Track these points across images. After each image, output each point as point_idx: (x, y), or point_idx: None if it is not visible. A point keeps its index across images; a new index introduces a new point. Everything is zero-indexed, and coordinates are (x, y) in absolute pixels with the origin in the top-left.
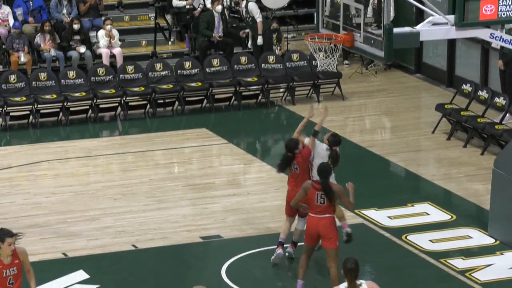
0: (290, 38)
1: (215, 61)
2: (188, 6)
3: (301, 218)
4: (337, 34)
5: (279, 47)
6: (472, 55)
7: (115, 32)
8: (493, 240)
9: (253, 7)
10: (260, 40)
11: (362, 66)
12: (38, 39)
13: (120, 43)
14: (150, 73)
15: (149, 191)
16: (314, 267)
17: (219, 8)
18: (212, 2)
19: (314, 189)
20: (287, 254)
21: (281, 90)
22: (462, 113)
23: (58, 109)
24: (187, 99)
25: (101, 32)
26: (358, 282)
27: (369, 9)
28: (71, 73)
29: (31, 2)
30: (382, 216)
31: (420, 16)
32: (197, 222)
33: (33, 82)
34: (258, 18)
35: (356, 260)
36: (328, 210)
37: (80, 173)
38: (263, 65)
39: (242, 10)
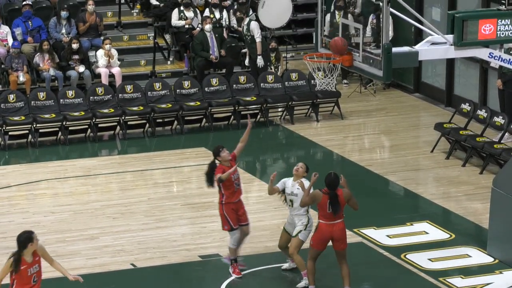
0: (289, 57)
1: (214, 81)
2: (187, 26)
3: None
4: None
5: (278, 67)
6: (471, 74)
7: (114, 52)
8: (492, 259)
9: (254, 26)
10: (260, 61)
11: (361, 86)
12: (37, 58)
13: (119, 62)
14: (149, 93)
15: (148, 210)
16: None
17: (207, 27)
18: (202, 22)
19: (326, 198)
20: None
21: (280, 109)
22: (461, 132)
23: (57, 129)
24: (186, 118)
25: (100, 52)
26: None
27: (368, 29)
28: (70, 93)
29: (30, 22)
30: (381, 235)
31: (419, 36)
32: (196, 241)
33: (32, 102)
34: (258, 38)
35: None
36: (340, 216)
37: (79, 192)
38: (262, 84)
39: (243, 28)
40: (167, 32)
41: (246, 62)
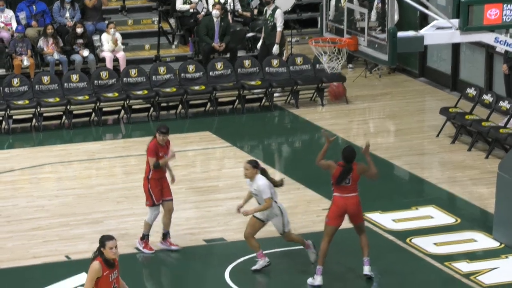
0: (293, 42)
1: (219, 65)
2: (191, 10)
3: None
4: (341, 38)
5: (283, 51)
6: (477, 59)
7: (118, 36)
8: (498, 244)
9: (279, 14)
10: (275, 50)
11: (366, 70)
12: (41, 42)
13: (123, 46)
14: (153, 77)
15: None
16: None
17: (215, 13)
18: (211, 6)
19: (339, 170)
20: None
21: (284, 93)
22: (466, 117)
23: (61, 113)
24: (190, 102)
25: (105, 36)
26: None
27: (373, 13)
28: (74, 77)
29: (34, 6)
30: (386, 219)
31: (424, 20)
32: (201, 225)
33: (36, 86)
34: (280, 27)
35: None
36: (354, 189)
37: (83, 176)
38: (266, 68)
39: (265, 12)
40: (171, 16)
41: (258, 45)
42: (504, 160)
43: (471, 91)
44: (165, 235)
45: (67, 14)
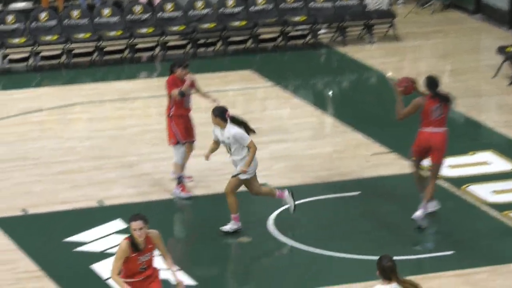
0: None
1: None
2: None
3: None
4: None
5: None
6: None
7: None
8: None
9: None
10: None
11: (417, 6)
12: None
13: None
14: (190, 11)
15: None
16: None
17: None
18: None
19: (432, 102)
20: None
21: (330, 30)
22: None
23: (92, 49)
24: (230, 39)
25: None
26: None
27: None
28: (106, 11)
29: None
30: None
31: None
32: None
33: (65, 20)
34: None
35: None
36: (444, 123)
37: (115, 116)
38: (311, 3)
39: None
40: None
41: None
42: None
43: None
44: (179, 179)
45: None
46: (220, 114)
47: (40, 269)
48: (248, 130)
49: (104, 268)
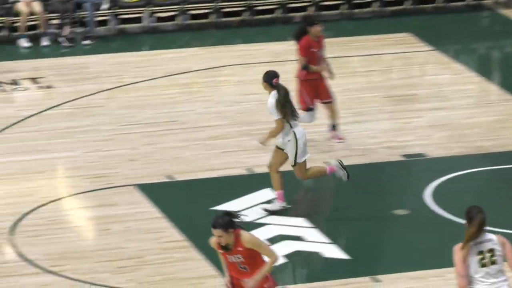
0: None
1: None
2: None
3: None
4: None
5: None
6: None
7: None
8: None
9: None
10: None
11: None
12: None
13: None
14: None
15: (345, 101)
16: None
17: None
18: None
19: None
20: None
21: None
22: None
23: (243, 8)
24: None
25: None
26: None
27: None
28: None
29: None
30: None
31: None
32: (398, 138)
33: None
34: None
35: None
36: None
37: None
38: None
39: None
40: None
41: None
42: None
43: None
44: (333, 126)
45: None
46: (268, 79)
47: (186, 239)
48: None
49: None
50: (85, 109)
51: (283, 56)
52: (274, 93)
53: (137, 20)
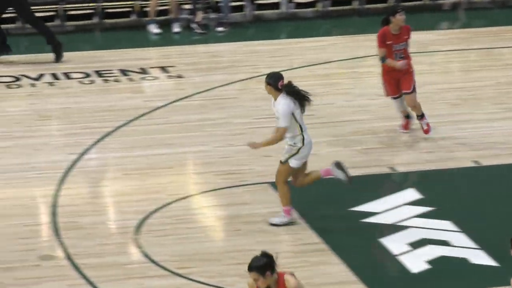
0: None
1: None
2: None
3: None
4: None
5: None
6: None
7: None
8: None
9: None
10: None
11: None
12: None
13: None
14: None
15: (496, 96)
16: None
17: None
18: None
19: None
20: None
21: None
22: None
23: None
24: None
25: None
26: None
27: None
28: None
29: None
30: None
31: None
32: None
33: None
34: None
35: None
36: None
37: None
38: None
39: None
40: None
41: None
42: None
43: None
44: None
45: None
46: (273, 82)
47: (323, 241)
48: (303, 100)
49: (394, 243)
50: (217, 101)
51: (431, 46)
52: (282, 96)
53: (275, 6)
